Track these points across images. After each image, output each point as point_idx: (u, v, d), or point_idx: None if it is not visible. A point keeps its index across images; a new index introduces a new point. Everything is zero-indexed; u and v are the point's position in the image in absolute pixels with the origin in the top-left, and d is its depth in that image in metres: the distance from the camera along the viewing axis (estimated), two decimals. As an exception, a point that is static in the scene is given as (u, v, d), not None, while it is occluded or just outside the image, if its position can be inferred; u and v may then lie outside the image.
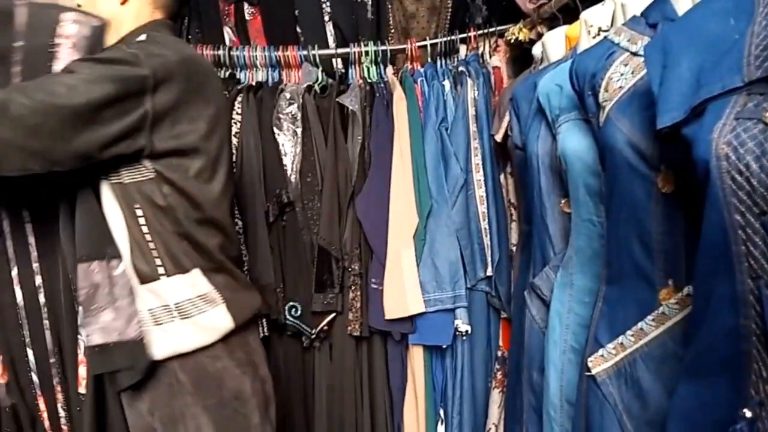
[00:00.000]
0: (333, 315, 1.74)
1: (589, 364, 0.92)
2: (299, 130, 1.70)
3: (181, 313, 1.04)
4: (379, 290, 1.70)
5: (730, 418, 0.64)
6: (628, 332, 0.87)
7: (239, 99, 1.72)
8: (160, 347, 1.04)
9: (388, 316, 1.68)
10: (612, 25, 1.12)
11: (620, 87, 0.87)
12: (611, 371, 0.90)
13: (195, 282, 1.05)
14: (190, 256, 1.04)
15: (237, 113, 1.70)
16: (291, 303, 1.73)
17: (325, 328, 1.75)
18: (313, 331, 1.73)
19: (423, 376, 1.73)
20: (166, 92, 0.97)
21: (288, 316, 1.73)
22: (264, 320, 1.71)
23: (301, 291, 1.73)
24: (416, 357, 1.74)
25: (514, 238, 1.75)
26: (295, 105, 1.71)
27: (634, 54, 0.88)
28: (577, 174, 1.03)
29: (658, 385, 0.83)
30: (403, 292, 1.67)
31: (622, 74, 0.88)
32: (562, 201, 1.18)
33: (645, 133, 0.79)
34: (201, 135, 1.03)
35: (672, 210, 0.80)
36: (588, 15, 1.18)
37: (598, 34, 1.14)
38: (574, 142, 1.04)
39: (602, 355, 0.91)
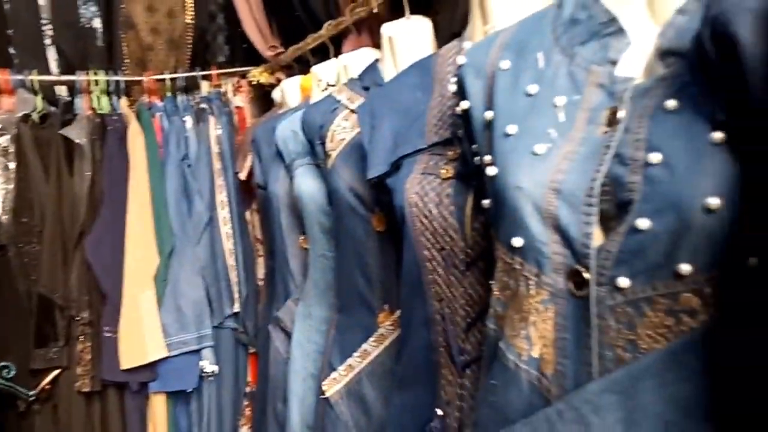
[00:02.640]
0: (57, 371, 1.55)
1: (324, 388, 1.00)
2: (12, 165, 1.49)
3: None
4: (113, 338, 1.57)
5: (430, 418, 0.78)
6: (355, 354, 0.98)
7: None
8: None
9: (124, 366, 1.56)
10: (338, 81, 1.27)
11: (342, 139, 0.99)
12: (343, 392, 0.99)
13: None
14: None
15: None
16: (2, 363, 1.47)
17: (48, 386, 1.54)
18: (32, 393, 1.51)
19: (165, 425, 1.64)
20: None
21: (-3, 379, 1.47)
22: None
23: (15, 348, 1.50)
24: (158, 405, 1.64)
25: (261, 272, 1.79)
26: (7, 136, 1.49)
27: (353, 111, 1.01)
28: (311, 213, 1.13)
29: (380, 399, 0.95)
30: (141, 337, 1.57)
31: (343, 128, 1.01)
32: (301, 238, 1.27)
33: (362, 181, 0.92)
34: None
35: (385, 246, 0.94)
36: (317, 70, 1.30)
37: (326, 88, 1.28)
38: (308, 184, 1.14)
39: (334, 378, 1.00)
